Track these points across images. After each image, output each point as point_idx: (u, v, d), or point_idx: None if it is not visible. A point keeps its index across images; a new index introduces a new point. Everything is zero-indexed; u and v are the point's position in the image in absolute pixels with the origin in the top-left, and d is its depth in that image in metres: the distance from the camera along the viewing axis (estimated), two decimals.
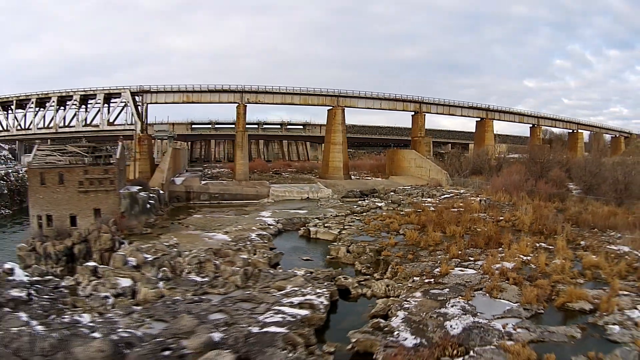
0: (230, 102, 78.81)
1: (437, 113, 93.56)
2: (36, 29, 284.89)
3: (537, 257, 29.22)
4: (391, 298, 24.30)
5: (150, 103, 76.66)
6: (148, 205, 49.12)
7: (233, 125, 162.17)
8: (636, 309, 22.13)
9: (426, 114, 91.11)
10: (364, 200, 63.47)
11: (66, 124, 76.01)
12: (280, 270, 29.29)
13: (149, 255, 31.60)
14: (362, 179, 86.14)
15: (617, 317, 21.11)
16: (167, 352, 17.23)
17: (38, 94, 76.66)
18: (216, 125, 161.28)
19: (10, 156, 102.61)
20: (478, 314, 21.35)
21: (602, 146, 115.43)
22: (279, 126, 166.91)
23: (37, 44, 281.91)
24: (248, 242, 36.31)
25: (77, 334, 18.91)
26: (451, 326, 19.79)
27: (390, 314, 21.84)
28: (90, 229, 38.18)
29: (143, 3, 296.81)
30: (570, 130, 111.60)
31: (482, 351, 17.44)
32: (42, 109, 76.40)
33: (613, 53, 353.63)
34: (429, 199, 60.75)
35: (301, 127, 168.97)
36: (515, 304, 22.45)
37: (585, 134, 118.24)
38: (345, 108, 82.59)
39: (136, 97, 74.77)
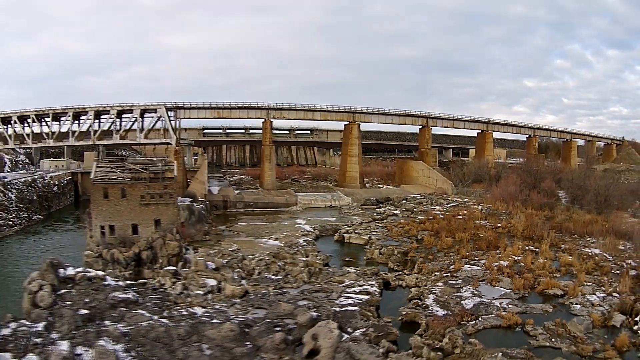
0: (257, 118, 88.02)
1: (442, 127, 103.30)
2: (34, 27, 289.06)
3: (525, 257, 38.92)
4: (421, 287, 33.92)
5: (184, 118, 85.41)
6: (201, 215, 58.33)
7: (243, 131, 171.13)
8: (594, 294, 31.75)
9: (432, 127, 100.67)
10: (380, 207, 72.95)
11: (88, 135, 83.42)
12: (334, 268, 38.94)
13: (221, 260, 40.82)
14: (375, 186, 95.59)
15: (580, 300, 30.69)
16: (277, 329, 25.75)
17: (75, 108, 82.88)
18: (227, 131, 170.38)
19: (27, 161, 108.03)
20: (483, 296, 31.08)
21: (593, 155, 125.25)
22: (287, 132, 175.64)
23: (35, 43, 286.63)
24: (300, 247, 45.82)
25: (201, 322, 26.78)
26: (465, 303, 29.54)
27: (422, 297, 31.52)
28: (154, 237, 44.77)
29: (141, 2, 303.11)
30: (564, 140, 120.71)
31: (486, 318, 27.20)
32: (77, 121, 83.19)
33: (612, 53, 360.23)
34: (437, 207, 70.24)
35: (309, 132, 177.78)
36: (508, 290, 32.18)
37: (581, 141, 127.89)
38: (361, 123, 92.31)
39: (169, 112, 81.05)
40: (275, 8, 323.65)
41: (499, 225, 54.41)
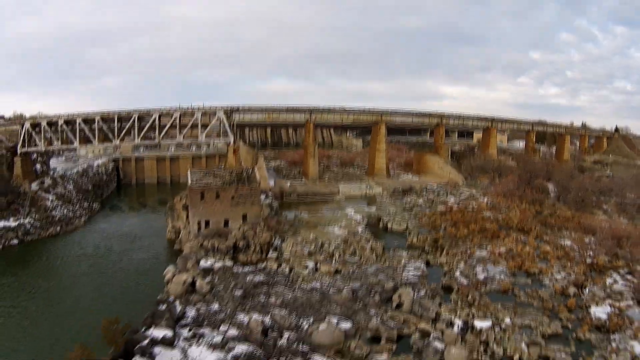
0: (302, 120, 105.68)
1: (454, 124, 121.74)
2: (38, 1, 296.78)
3: (517, 246, 58.24)
4: (450, 265, 53.40)
5: (239, 122, 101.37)
6: (277, 209, 76.85)
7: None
8: (559, 273, 51.10)
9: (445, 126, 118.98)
10: (406, 197, 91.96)
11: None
12: (391, 252, 58.42)
13: (307, 246, 59.83)
14: (397, 174, 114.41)
15: (549, 277, 50.10)
16: (372, 292, 45.72)
17: (140, 111, 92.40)
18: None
19: (64, 147, 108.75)
20: (489, 271, 50.59)
21: (585, 147, 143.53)
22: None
23: (39, 17, 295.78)
24: (360, 234, 65.17)
25: (324, 292, 45.25)
26: (479, 276, 49.10)
27: (452, 272, 51.12)
28: (246, 229, 61.46)
29: None
30: (560, 133, 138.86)
31: (491, 284, 46.81)
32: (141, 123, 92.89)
33: (619, 30, 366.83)
34: (452, 198, 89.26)
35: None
36: (504, 268, 51.69)
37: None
38: (387, 121, 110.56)
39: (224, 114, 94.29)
40: None
41: (499, 217, 73.29)
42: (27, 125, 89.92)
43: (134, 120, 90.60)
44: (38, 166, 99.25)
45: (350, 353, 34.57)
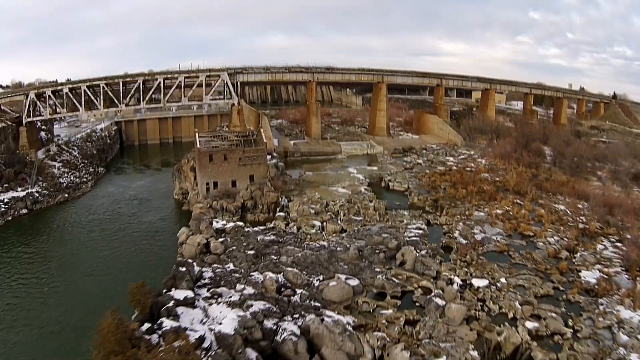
0: (304, 80, 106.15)
1: (453, 86, 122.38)
2: None
3: (513, 209, 60.84)
4: (450, 225, 55.97)
5: (242, 82, 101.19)
6: (282, 169, 78.56)
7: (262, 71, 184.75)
8: (552, 237, 53.54)
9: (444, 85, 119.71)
10: (406, 156, 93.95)
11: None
12: (394, 212, 60.85)
13: (313, 206, 62.21)
14: (397, 134, 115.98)
15: (543, 240, 52.69)
16: (377, 251, 48.15)
17: (145, 75, 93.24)
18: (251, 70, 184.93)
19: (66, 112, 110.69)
20: (486, 232, 53.23)
21: (582, 112, 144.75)
22: (304, 69, 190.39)
23: None
24: (364, 194, 67.48)
25: (332, 250, 47.51)
26: (476, 237, 51.79)
27: (451, 232, 53.78)
28: (253, 189, 63.93)
29: None
30: (558, 97, 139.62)
31: (488, 245, 49.56)
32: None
33: None
34: (451, 158, 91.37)
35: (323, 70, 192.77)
36: (501, 230, 54.34)
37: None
38: (387, 82, 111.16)
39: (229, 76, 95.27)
40: None
41: (497, 179, 75.54)
42: (32, 95, 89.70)
43: (139, 85, 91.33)
44: (43, 134, 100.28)
45: (358, 308, 37.38)
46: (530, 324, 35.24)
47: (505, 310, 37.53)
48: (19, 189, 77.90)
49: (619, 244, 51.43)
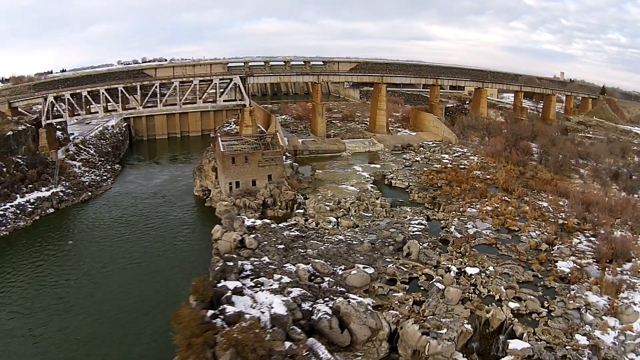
0: (310, 81, 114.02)
1: (449, 85, 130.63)
2: None
3: (501, 206, 69.54)
4: (446, 221, 64.66)
5: (252, 83, 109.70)
6: (296, 169, 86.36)
7: (263, 64, 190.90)
8: (535, 232, 62.11)
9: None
10: (404, 153, 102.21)
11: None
12: (398, 208, 69.40)
13: (327, 203, 70.51)
14: (395, 131, 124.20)
15: (526, 234, 61.34)
16: (386, 243, 56.81)
17: (162, 80, 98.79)
18: (250, 63, 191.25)
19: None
20: (477, 227, 62.00)
21: (571, 108, 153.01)
22: (303, 63, 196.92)
23: None
24: (370, 192, 75.88)
25: (349, 243, 56.21)
26: (469, 231, 60.52)
27: (448, 226, 62.48)
28: (271, 187, 72.15)
29: None
30: (547, 94, 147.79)
31: (479, 238, 58.28)
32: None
33: None
34: (446, 156, 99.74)
35: (322, 64, 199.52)
36: (490, 225, 63.01)
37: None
38: (387, 82, 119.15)
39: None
40: None
41: (487, 177, 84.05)
42: (51, 98, 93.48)
43: (155, 88, 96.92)
44: (59, 133, 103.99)
45: (375, 292, 46.10)
46: (512, 304, 43.92)
47: (492, 293, 46.25)
48: (43, 189, 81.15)
49: (592, 239, 59.47)
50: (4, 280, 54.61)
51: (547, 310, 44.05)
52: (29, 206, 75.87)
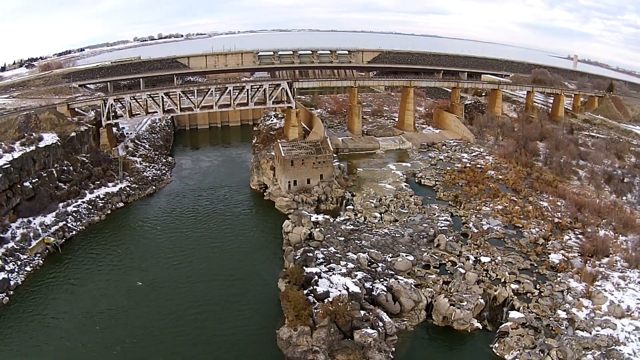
0: (348, 87, 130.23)
1: (468, 88, 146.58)
2: None
3: (509, 205, 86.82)
4: (467, 217, 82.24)
5: (298, 88, 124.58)
6: (343, 168, 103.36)
7: (292, 53, 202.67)
8: (534, 228, 79.24)
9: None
10: (429, 151, 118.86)
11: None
12: (428, 205, 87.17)
13: (373, 200, 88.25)
14: (420, 128, 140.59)
15: (527, 230, 78.69)
16: (421, 236, 74.61)
17: (217, 85, 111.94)
18: (280, 53, 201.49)
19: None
20: (490, 224, 79.58)
21: (577, 106, 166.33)
22: (329, 53, 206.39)
23: None
24: (405, 190, 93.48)
25: (394, 236, 75.51)
26: (484, 227, 78.28)
27: (467, 222, 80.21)
28: (323, 185, 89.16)
29: None
30: (556, 94, 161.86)
31: (491, 233, 76.07)
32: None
33: None
34: (465, 155, 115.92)
35: (347, 52, 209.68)
36: (500, 222, 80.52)
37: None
38: (414, 85, 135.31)
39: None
40: None
41: (500, 177, 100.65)
42: (111, 100, 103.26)
43: (211, 92, 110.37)
44: (114, 130, 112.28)
45: (414, 274, 64.65)
46: (514, 286, 61.87)
47: (499, 277, 64.28)
48: (110, 184, 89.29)
49: (580, 236, 74.64)
50: (110, 263, 68.02)
51: (538, 291, 61.42)
52: (100, 201, 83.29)
